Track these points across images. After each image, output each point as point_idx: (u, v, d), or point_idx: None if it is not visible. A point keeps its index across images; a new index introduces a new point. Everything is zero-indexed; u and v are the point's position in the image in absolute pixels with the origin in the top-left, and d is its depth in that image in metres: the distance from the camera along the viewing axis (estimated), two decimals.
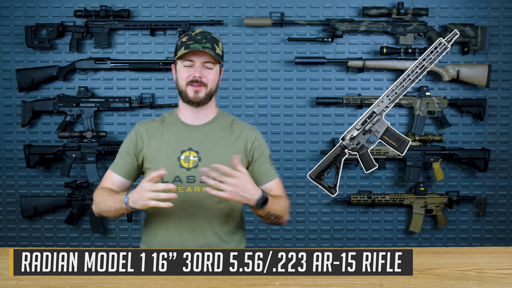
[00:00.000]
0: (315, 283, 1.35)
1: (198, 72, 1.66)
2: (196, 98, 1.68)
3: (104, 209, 1.65)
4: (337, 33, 2.83)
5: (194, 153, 1.70)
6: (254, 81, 2.94)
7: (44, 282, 1.35)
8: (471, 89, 2.95)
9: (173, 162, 1.69)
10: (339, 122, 2.95)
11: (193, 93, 1.68)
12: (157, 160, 1.70)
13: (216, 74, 1.71)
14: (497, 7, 2.93)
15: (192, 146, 1.71)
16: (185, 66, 1.68)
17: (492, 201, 3.00)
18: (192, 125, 1.74)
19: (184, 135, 1.73)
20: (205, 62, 1.67)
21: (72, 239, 2.98)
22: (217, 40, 1.70)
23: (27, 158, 2.81)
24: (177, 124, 1.75)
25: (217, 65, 1.71)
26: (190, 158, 1.69)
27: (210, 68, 1.69)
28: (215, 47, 1.68)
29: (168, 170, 1.65)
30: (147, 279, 1.37)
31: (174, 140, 1.72)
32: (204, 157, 1.69)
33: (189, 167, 1.68)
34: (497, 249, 1.71)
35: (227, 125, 1.77)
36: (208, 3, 2.91)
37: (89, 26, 2.84)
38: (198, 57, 1.67)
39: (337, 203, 2.97)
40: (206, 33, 1.69)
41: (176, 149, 1.70)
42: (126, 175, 1.75)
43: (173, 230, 1.70)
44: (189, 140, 1.72)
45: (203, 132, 1.73)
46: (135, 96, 2.90)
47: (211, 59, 1.68)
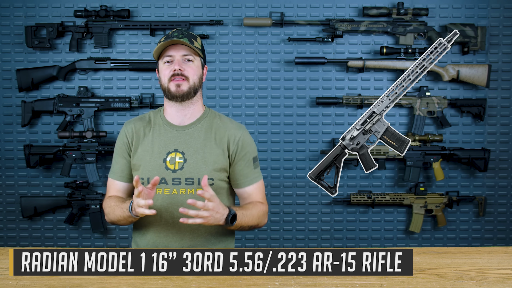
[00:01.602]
0: (315, 283, 1.35)
1: (178, 65, 1.66)
2: (178, 92, 1.66)
3: (114, 219, 1.67)
4: (337, 33, 2.83)
5: (180, 154, 1.69)
6: (254, 81, 2.94)
7: (44, 282, 1.35)
8: (471, 89, 2.95)
9: (159, 164, 1.68)
10: (339, 122, 2.95)
11: (175, 87, 1.66)
12: (143, 161, 1.70)
13: (197, 68, 1.70)
14: (497, 7, 2.93)
15: (177, 147, 1.70)
16: (165, 63, 1.68)
17: (492, 201, 3.00)
18: (178, 126, 1.73)
19: (170, 135, 1.71)
20: (184, 55, 1.67)
21: (72, 239, 2.98)
22: (194, 36, 1.71)
23: (27, 158, 2.81)
24: (163, 124, 1.74)
25: (198, 58, 1.71)
26: (176, 160, 1.68)
27: (191, 61, 1.68)
28: (193, 41, 1.68)
29: (154, 172, 1.67)
30: (147, 279, 1.36)
31: (160, 141, 1.71)
32: (190, 158, 1.68)
33: (174, 169, 1.68)
34: (497, 249, 1.71)
35: (213, 124, 1.75)
36: (208, 3, 2.91)
37: (89, 26, 2.84)
38: (176, 50, 1.67)
39: (337, 203, 2.97)
40: (182, 29, 1.71)
41: (162, 150, 1.70)
42: (127, 179, 1.75)
43: (159, 232, 1.70)
44: (175, 141, 1.71)
45: (189, 132, 1.72)
46: (135, 96, 2.90)
47: (189, 51, 1.68)
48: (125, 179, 1.74)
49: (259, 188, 1.77)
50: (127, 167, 1.74)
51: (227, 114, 2.93)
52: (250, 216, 1.65)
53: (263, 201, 1.76)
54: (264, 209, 1.73)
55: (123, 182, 1.75)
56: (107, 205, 1.70)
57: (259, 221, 1.70)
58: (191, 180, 1.67)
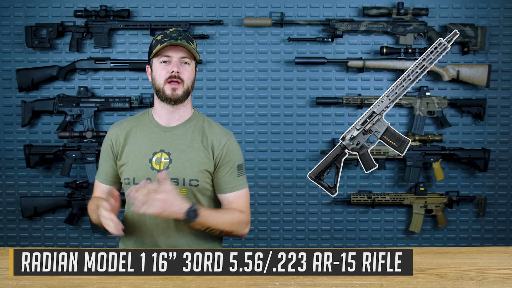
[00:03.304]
0: (315, 283, 1.35)
1: (176, 67, 1.65)
2: (174, 96, 1.66)
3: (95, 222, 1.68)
4: (337, 33, 2.83)
5: (166, 154, 1.69)
6: (254, 81, 2.94)
7: (44, 282, 1.35)
8: (471, 89, 2.95)
9: (145, 164, 1.68)
10: (339, 122, 2.95)
11: (171, 91, 1.66)
12: (130, 162, 1.70)
13: (192, 71, 1.70)
14: (497, 7, 2.93)
15: (164, 147, 1.70)
16: (162, 62, 1.67)
17: (492, 201, 3.00)
18: (166, 127, 1.73)
19: (156, 136, 1.72)
20: (182, 57, 1.67)
21: (72, 239, 2.98)
22: (191, 38, 1.71)
23: (27, 158, 2.81)
24: (150, 124, 1.74)
25: (193, 62, 1.71)
26: (162, 160, 1.68)
27: (187, 64, 1.68)
28: (190, 44, 1.68)
29: (139, 171, 1.68)
30: (147, 279, 1.36)
31: (147, 141, 1.71)
32: (175, 159, 1.68)
33: (160, 169, 1.67)
34: (497, 249, 1.71)
35: (201, 127, 1.75)
36: (208, 3, 2.91)
37: (89, 26, 2.84)
38: (175, 52, 1.66)
39: (337, 203, 2.97)
40: (180, 30, 1.70)
41: (148, 150, 1.70)
42: (110, 182, 1.77)
43: (145, 232, 1.70)
44: (162, 142, 1.71)
45: (176, 133, 1.72)
46: (135, 96, 2.90)
47: (187, 54, 1.67)
48: (109, 181, 1.77)
49: (241, 196, 1.74)
50: (110, 170, 1.76)
51: (227, 115, 2.93)
52: (220, 220, 1.63)
53: (244, 210, 1.72)
54: (242, 217, 1.69)
55: (106, 185, 1.78)
56: (89, 207, 1.75)
57: (233, 228, 1.67)
58: (176, 180, 1.67)
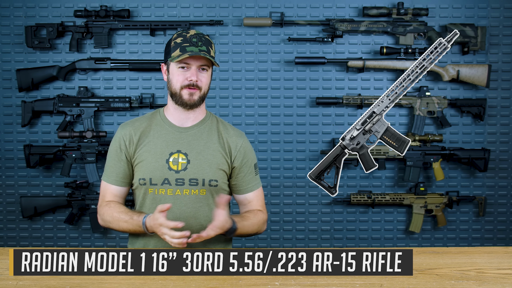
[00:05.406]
0: (315, 283, 1.35)
1: (195, 76, 1.65)
2: (190, 101, 1.66)
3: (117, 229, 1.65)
4: (337, 33, 2.83)
5: (183, 155, 1.69)
6: (254, 81, 2.94)
7: (44, 282, 1.35)
8: (471, 89, 2.95)
9: (162, 164, 1.67)
10: (339, 122, 2.95)
11: (188, 96, 1.66)
12: (146, 162, 1.68)
13: (209, 77, 1.70)
14: (497, 7, 2.93)
15: (180, 148, 1.69)
16: (180, 67, 1.66)
17: (492, 201, 3.00)
18: (181, 127, 1.72)
19: (172, 136, 1.71)
20: (201, 65, 1.66)
21: (72, 239, 2.98)
22: (210, 42, 1.69)
23: (27, 158, 2.81)
24: (164, 124, 1.73)
25: (211, 67, 1.71)
26: (179, 161, 1.68)
27: (205, 70, 1.67)
28: (210, 50, 1.67)
29: (156, 172, 1.67)
30: (147, 279, 1.37)
31: (162, 141, 1.70)
32: (193, 159, 1.68)
33: (178, 169, 1.67)
34: (497, 249, 1.71)
35: (215, 128, 1.75)
36: (208, 3, 2.91)
37: (89, 26, 2.84)
38: (195, 60, 1.65)
39: (337, 203, 2.97)
40: (200, 35, 1.67)
41: (164, 151, 1.69)
42: (123, 183, 1.72)
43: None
44: (178, 142, 1.70)
45: (192, 134, 1.72)
46: (135, 96, 2.90)
47: (207, 61, 1.67)
48: (121, 183, 1.71)
49: (259, 195, 1.79)
50: (122, 171, 1.71)
51: (227, 114, 2.93)
52: (250, 226, 1.68)
53: (262, 209, 1.78)
54: (264, 217, 1.75)
55: (118, 186, 1.71)
56: (107, 214, 1.66)
57: (258, 229, 1.73)
58: (195, 181, 1.67)
